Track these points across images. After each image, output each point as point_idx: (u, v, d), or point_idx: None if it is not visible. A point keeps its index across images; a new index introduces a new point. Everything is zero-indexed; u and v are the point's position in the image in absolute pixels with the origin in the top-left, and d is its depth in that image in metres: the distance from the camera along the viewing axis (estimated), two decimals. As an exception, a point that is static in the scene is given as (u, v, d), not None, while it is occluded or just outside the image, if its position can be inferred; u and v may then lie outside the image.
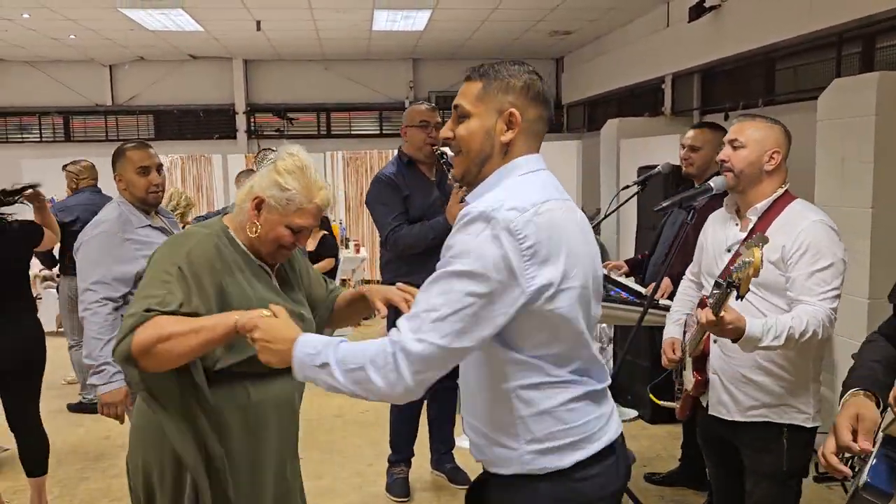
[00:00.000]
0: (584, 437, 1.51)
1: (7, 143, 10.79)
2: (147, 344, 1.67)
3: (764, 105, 5.84)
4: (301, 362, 1.51)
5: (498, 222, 1.39)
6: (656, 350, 3.97)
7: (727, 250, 2.38)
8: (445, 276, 1.41)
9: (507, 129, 1.55)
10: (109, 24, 8.01)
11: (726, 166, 2.36)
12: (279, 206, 1.85)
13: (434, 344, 1.38)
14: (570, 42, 9.66)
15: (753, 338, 2.07)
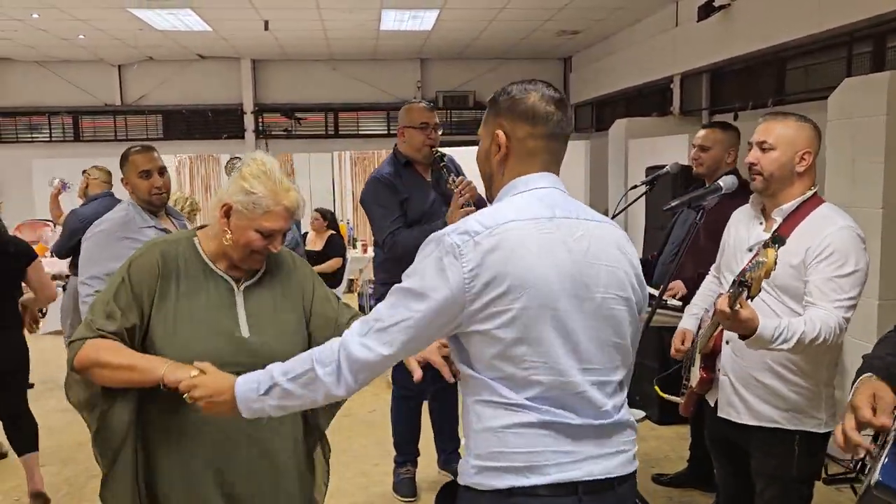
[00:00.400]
0: (529, 466, 1.46)
1: (17, 142, 10.85)
2: (86, 363, 1.79)
3: (773, 105, 5.81)
4: (246, 399, 1.56)
5: (444, 246, 1.46)
6: (665, 351, 3.96)
7: (748, 249, 2.33)
8: (396, 291, 1.51)
9: (497, 151, 1.59)
10: (118, 24, 8.05)
11: (755, 169, 2.27)
12: (246, 210, 1.84)
13: (374, 351, 1.48)
14: (578, 42, 9.64)
15: (763, 338, 2.03)
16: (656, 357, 4.45)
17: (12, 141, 10.87)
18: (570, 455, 1.47)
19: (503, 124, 1.58)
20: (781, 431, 2.24)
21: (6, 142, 10.84)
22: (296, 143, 10.83)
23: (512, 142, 1.58)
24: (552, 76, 11.24)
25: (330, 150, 9.97)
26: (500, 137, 1.58)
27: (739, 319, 1.94)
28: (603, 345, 1.51)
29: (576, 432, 1.48)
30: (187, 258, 1.89)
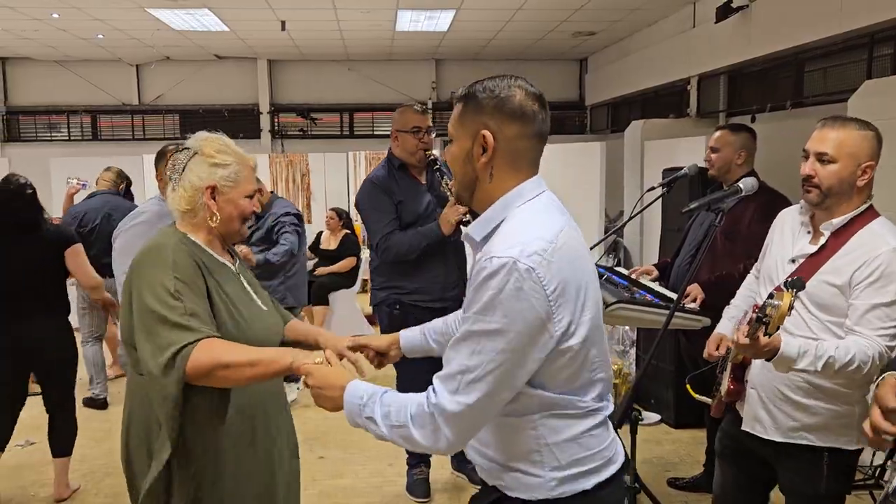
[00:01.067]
0: (605, 461, 1.54)
1: (37, 141, 10.95)
2: (205, 368, 1.72)
3: (792, 107, 5.77)
4: (350, 411, 1.52)
5: (521, 274, 1.35)
6: (680, 353, 3.95)
7: (791, 260, 2.21)
8: (475, 336, 1.38)
9: (482, 153, 1.50)
10: (137, 24, 8.10)
11: (812, 182, 2.12)
12: (231, 182, 1.92)
13: (473, 405, 1.38)
14: (594, 43, 9.61)
15: (788, 358, 1.98)
16: (672, 360, 4.43)
17: (31, 139, 10.97)
18: (615, 441, 1.60)
19: (488, 124, 1.49)
20: (811, 448, 2.16)
21: (25, 140, 10.95)
22: (311, 143, 10.86)
23: (500, 143, 1.49)
24: (568, 77, 11.22)
25: (345, 150, 9.99)
26: (487, 138, 1.49)
27: (759, 347, 1.93)
28: (605, 341, 1.60)
29: (607, 419, 1.59)
30: (198, 253, 1.92)
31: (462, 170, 1.54)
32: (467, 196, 1.56)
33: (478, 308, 1.38)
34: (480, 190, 1.52)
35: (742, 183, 2.34)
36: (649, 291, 3.22)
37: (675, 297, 3.12)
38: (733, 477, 2.44)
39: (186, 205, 1.92)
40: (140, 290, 1.80)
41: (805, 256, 2.18)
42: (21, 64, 10.65)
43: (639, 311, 3.02)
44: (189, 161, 1.91)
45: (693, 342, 3.49)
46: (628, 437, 2.56)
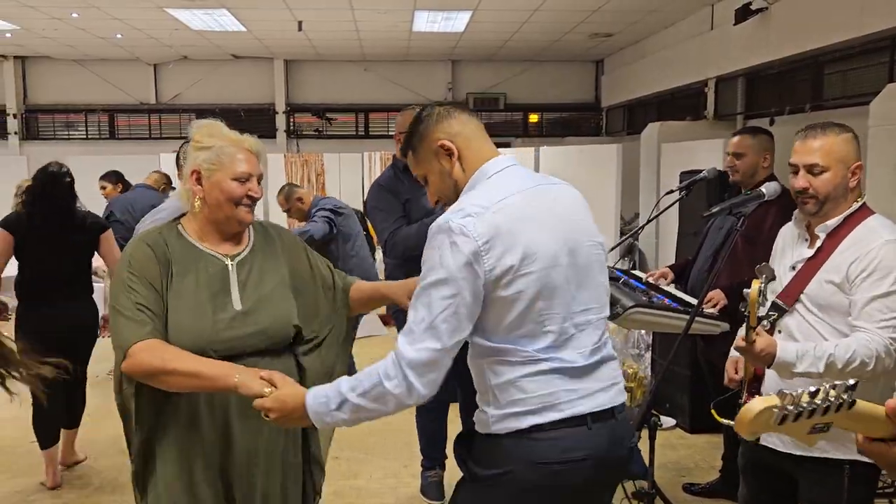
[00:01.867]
0: (544, 406, 1.65)
1: (55, 139, 11.05)
2: (148, 370, 1.76)
3: (811, 110, 5.72)
4: (317, 414, 1.64)
5: (453, 230, 1.59)
6: (697, 357, 3.91)
7: (791, 268, 2.23)
8: (424, 289, 1.61)
9: (450, 158, 1.75)
10: (155, 24, 8.16)
11: (808, 194, 2.15)
12: (214, 165, 1.86)
13: (431, 349, 1.58)
14: (611, 44, 9.57)
15: (786, 363, 1.98)
16: (688, 364, 4.39)
17: (50, 138, 11.07)
18: (577, 392, 1.66)
19: (438, 136, 1.74)
20: (831, 461, 2.12)
21: (44, 139, 11.05)
22: (326, 144, 10.88)
23: (456, 139, 1.74)
24: (584, 79, 11.18)
25: (360, 150, 10.00)
26: (446, 143, 1.74)
27: (755, 352, 1.94)
28: (596, 287, 1.73)
29: (580, 371, 1.68)
30: (172, 243, 1.89)
31: (447, 187, 1.78)
32: (455, 197, 1.77)
33: (427, 266, 1.62)
34: (461, 185, 1.77)
35: (765, 187, 2.32)
36: (667, 295, 3.20)
37: (693, 301, 3.10)
38: (757, 491, 2.42)
39: (185, 194, 1.91)
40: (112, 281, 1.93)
41: (804, 260, 2.20)
42: (40, 63, 10.75)
43: (656, 316, 3.00)
44: (184, 152, 1.91)
45: (711, 346, 3.46)
46: (647, 443, 2.53)
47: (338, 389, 1.63)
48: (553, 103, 11.27)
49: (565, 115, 11.45)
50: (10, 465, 4.21)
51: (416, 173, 1.85)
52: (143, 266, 1.84)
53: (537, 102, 11.25)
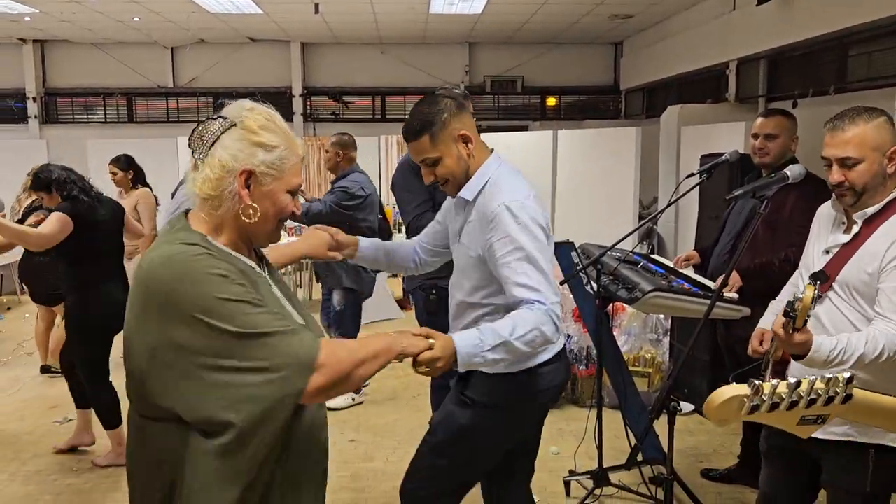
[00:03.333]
0: (545, 347, 2.11)
1: (74, 122, 11.12)
2: (345, 371, 1.44)
3: (835, 93, 5.62)
4: (468, 356, 1.79)
5: (527, 209, 2.06)
6: (717, 343, 3.88)
7: (825, 251, 2.19)
8: (526, 256, 2.01)
9: (466, 145, 2.13)
10: (172, 7, 8.15)
11: (845, 187, 2.09)
12: (274, 171, 1.52)
13: (557, 300, 2.02)
14: (631, 26, 9.45)
15: (817, 361, 1.95)
16: (707, 349, 4.36)
17: (69, 121, 11.14)
18: (558, 333, 2.03)
19: (457, 126, 2.11)
20: (854, 445, 2.10)
21: (63, 122, 11.11)
22: (343, 127, 10.82)
23: (471, 130, 2.14)
24: (603, 61, 11.06)
25: (377, 133, 9.97)
26: (466, 133, 2.12)
27: (793, 343, 1.91)
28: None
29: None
30: (224, 258, 1.46)
31: (459, 168, 2.14)
32: (464, 181, 2.15)
33: (513, 239, 2.02)
34: (469, 171, 2.15)
35: (789, 170, 2.27)
36: (686, 279, 3.17)
37: (712, 285, 3.07)
38: (779, 476, 2.40)
39: (211, 189, 1.49)
40: (180, 323, 1.36)
41: (839, 246, 2.15)
42: (59, 47, 10.79)
43: (676, 300, 2.97)
44: (224, 133, 1.50)
45: (731, 331, 3.43)
46: (665, 428, 2.51)
47: (496, 332, 1.85)
48: (571, 86, 11.16)
49: (583, 98, 11.34)
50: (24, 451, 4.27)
51: (429, 155, 2.11)
52: (235, 279, 1.42)
53: (555, 85, 11.15)
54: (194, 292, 1.37)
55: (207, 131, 1.51)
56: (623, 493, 3.46)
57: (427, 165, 2.13)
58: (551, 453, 4.00)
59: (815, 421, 1.75)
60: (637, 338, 4.83)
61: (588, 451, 3.57)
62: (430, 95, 2.19)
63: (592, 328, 3.86)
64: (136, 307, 1.43)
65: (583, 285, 3.77)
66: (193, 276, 1.38)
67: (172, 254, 1.42)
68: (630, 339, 4.82)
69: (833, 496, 2.21)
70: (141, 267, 1.46)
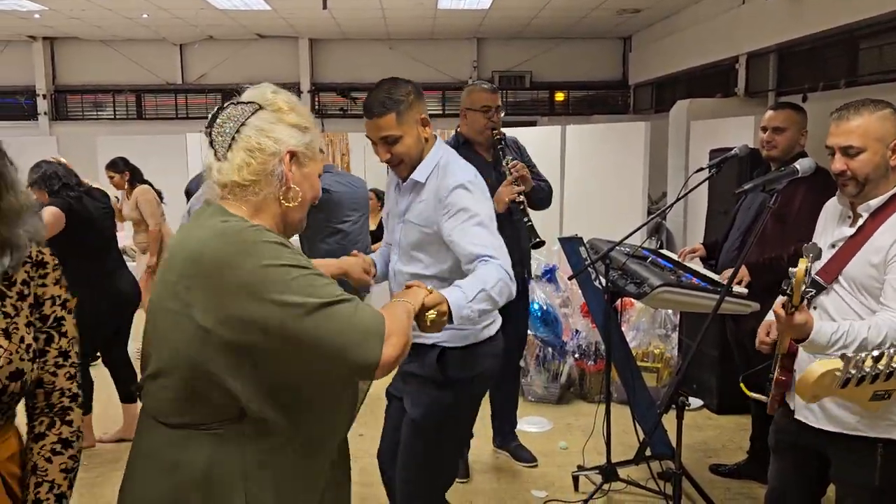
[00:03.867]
0: (494, 320, 2.39)
1: (83, 119, 11.17)
2: (407, 339, 1.39)
3: (846, 86, 5.58)
4: (459, 308, 1.86)
5: (471, 185, 2.24)
6: (726, 338, 3.87)
7: (831, 246, 2.18)
8: (480, 224, 2.17)
9: (425, 129, 2.28)
10: (180, 3, 8.17)
11: (847, 176, 2.10)
12: (310, 152, 1.47)
13: (506, 260, 2.14)
14: (639, 20, 9.41)
15: (817, 343, 1.96)
16: (716, 344, 4.35)
17: (78, 118, 11.19)
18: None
19: (419, 111, 2.27)
20: (862, 439, 2.09)
21: (73, 119, 11.16)
22: (351, 123, 10.87)
23: (425, 116, 2.30)
24: (611, 56, 11.02)
25: (385, 129, 9.99)
26: (425, 118, 2.29)
27: (793, 324, 1.91)
28: None
29: None
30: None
31: (415, 150, 2.28)
32: (417, 163, 2.29)
33: (468, 210, 2.17)
34: (421, 154, 2.29)
35: (799, 163, 2.26)
36: (695, 274, 3.16)
37: (721, 280, 3.06)
38: (788, 470, 2.39)
39: (252, 174, 1.40)
40: (246, 296, 1.28)
41: (844, 240, 2.15)
42: (69, 44, 10.84)
43: (685, 295, 2.97)
44: (252, 117, 1.44)
45: (740, 326, 3.42)
46: (674, 423, 2.51)
47: (473, 284, 1.95)
48: (580, 81, 11.13)
49: (592, 93, 11.30)
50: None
51: (391, 133, 2.23)
52: (295, 250, 1.38)
53: (564, 80, 11.11)
54: (257, 262, 1.28)
55: (230, 118, 1.44)
56: (631, 488, 3.46)
57: (386, 143, 2.24)
58: (560, 448, 4.00)
59: (883, 396, 1.80)
60: (646, 333, 4.83)
61: (596, 446, 3.57)
62: (392, 78, 2.30)
63: (601, 323, 3.86)
64: (179, 294, 1.32)
65: (591, 280, 3.76)
66: (255, 246, 1.30)
67: (224, 228, 1.34)
68: (639, 334, 4.82)
69: (842, 490, 2.20)
70: (184, 248, 1.35)
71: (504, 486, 3.62)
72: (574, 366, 4.79)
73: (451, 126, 9.92)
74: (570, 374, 4.78)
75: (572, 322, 4.95)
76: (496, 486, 3.64)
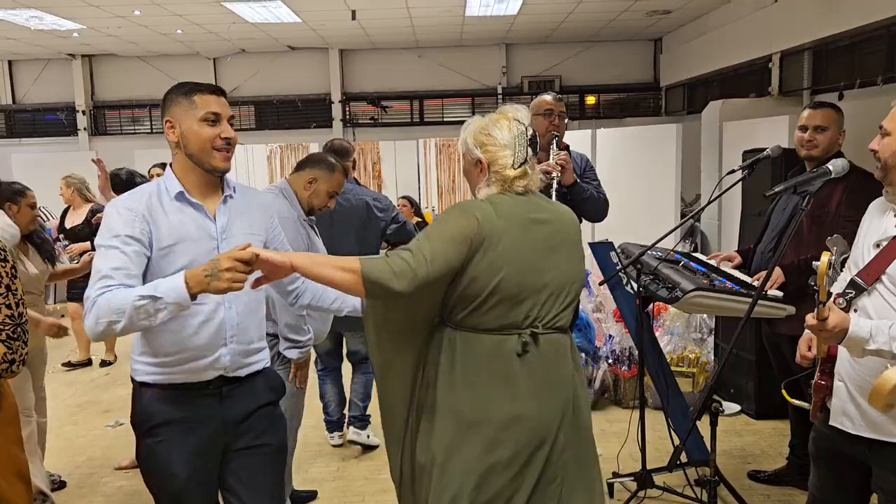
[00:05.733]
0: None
1: (121, 134, 11.41)
2: None
3: (883, 83, 5.46)
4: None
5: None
6: (761, 343, 3.80)
7: (875, 245, 2.12)
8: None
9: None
10: (213, 18, 8.31)
11: (876, 156, 2.10)
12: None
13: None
14: (670, 22, 9.32)
15: (859, 339, 1.90)
16: (753, 349, 4.28)
17: (116, 133, 11.43)
18: None
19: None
20: None
21: (111, 133, 11.41)
22: (382, 132, 10.94)
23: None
24: (642, 58, 10.93)
25: (415, 137, 10.02)
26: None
27: (827, 328, 1.87)
28: None
29: None
30: None
31: None
32: None
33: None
34: None
35: (831, 164, 2.21)
36: (729, 278, 3.12)
37: (755, 283, 3.01)
38: (828, 479, 2.32)
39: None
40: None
41: (889, 238, 2.08)
42: (106, 61, 11.09)
43: (718, 299, 2.93)
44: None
45: (775, 329, 3.36)
46: (708, 429, 2.47)
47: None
48: (610, 84, 11.05)
49: (623, 96, 11.22)
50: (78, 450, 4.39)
51: None
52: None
53: (594, 84, 11.05)
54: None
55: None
56: (667, 496, 3.42)
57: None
58: (594, 455, 3.97)
59: None
60: (680, 337, 4.77)
61: (632, 452, 3.53)
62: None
63: (633, 328, 3.82)
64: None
65: (622, 285, 3.73)
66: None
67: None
68: (673, 338, 4.76)
69: (884, 500, 2.14)
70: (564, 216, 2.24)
71: (538, 494, 3.59)
72: (608, 371, 4.74)
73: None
74: (603, 379, 4.74)
75: (605, 327, 4.91)
76: (530, 493, 3.61)
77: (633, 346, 4.54)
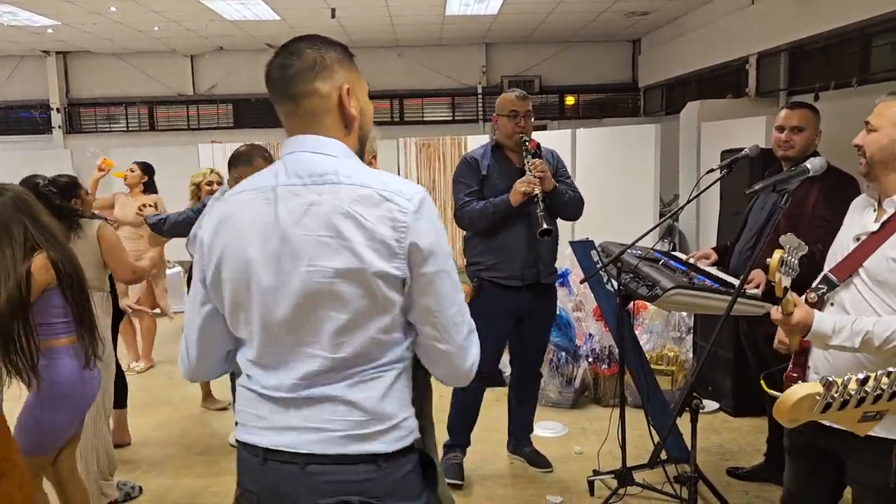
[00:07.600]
0: (240, 423, 1.69)
1: (96, 132, 11.27)
2: None
3: (858, 84, 5.54)
4: None
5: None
6: (739, 341, 3.84)
7: (855, 239, 2.14)
8: None
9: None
10: (191, 15, 8.24)
11: (860, 152, 2.11)
12: None
13: None
14: (648, 23, 9.39)
15: (822, 334, 1.93)
16: (731, 347, 4.32)
17: (92, 131, 11.29)
18: (260, 420, 1.50)
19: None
20: (878, 441, 2.02)
21: (86, 131, 11.27)
22: (361, 130, 10.91)
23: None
24: (620, 59, 11.00)
25: (395, 136, 9.99)
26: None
27: (792, 323, 1.91)
28: (315, 320, 1.43)
29: (266, 400, 1.50)
30: None
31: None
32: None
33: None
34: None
35: (809, 163, 2.23)
36: (708, 276, 3.14)
37: (735, 282, 3.04)
38: (803, 473, 2.35)
39: None
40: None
41: (867, 233, 2.11)
42: (81, 58, 10.95)
43: (697, 297, 2.95)
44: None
45: (753, 327, 3.39)
46: (687, 427, 2.49)
47: None
48: (589, 84, 11.12)
49: (602, 97, 11.29)
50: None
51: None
52: None
53: (573, 84, 11.11)
54: None
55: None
56: (647, 493, 3.44)
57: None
58: (575, 453, 3.98)
59: (874, 417, 1.72)
60: (660, 336, 4.80)
61: (612, 450, 3.55)
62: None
63: (613, 327, 3.84)
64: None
65: (602, 283, 3.75)
66: None
67: None
68: (653, 337, 4.79)
69: (858, 493, 2.16)
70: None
71: (519, 492, 3.60)
72: (588, 370, 4.76)
73: (462, 132, 9.92)
74: (584, 378, 4.76)
75: (585, 326, 4.93)
76: (511, 491, 3.62)
77: (612, 345, 4.56)
